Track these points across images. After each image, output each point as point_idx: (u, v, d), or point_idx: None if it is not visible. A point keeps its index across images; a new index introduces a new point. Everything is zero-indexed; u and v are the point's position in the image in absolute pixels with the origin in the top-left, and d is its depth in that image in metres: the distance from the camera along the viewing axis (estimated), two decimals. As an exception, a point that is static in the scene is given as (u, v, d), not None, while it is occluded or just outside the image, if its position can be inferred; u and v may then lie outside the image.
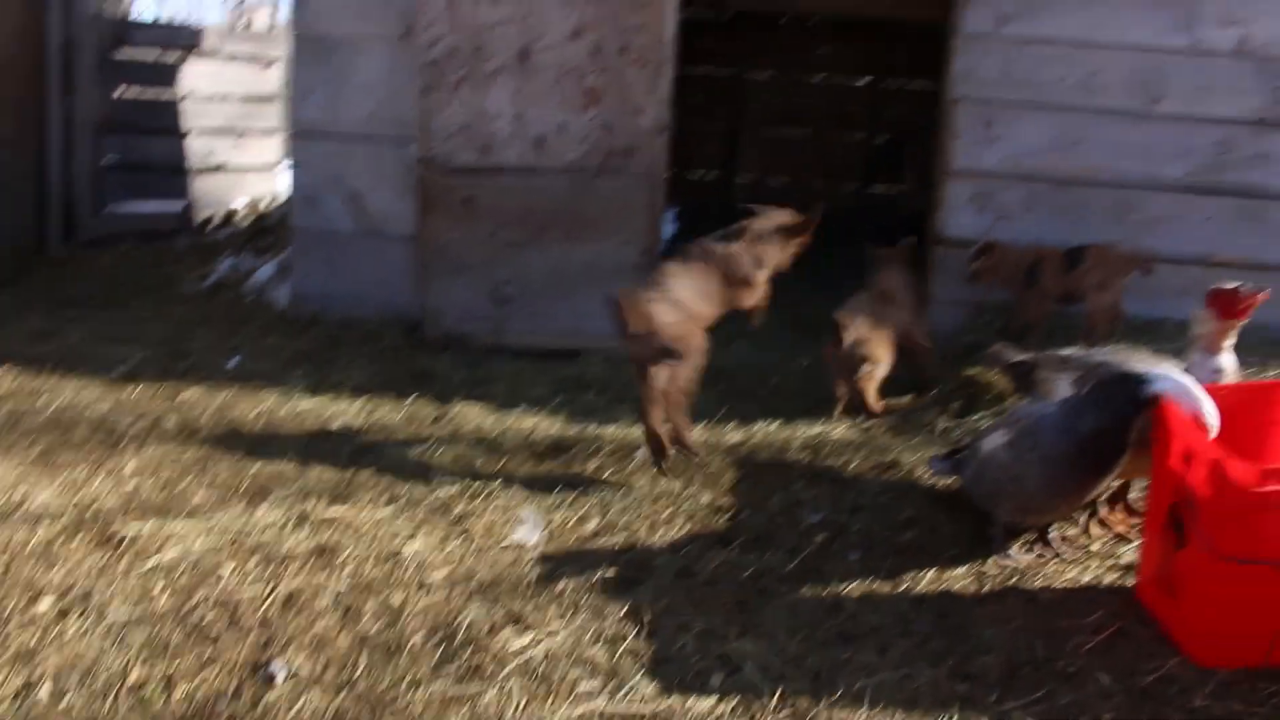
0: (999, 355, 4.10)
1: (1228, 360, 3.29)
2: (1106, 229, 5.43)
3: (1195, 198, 5.41)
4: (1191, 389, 2.95)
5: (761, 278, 4.14)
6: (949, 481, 3.78)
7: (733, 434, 4.39)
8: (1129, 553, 3.40)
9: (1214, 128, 5.35)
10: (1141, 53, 5.32)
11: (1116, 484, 3.50)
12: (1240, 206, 5.39)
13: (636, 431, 4.34)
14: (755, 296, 4.16)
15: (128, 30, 8.08)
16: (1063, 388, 3.57)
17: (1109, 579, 3.25)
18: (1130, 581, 3.22)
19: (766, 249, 4.17)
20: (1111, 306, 5.04)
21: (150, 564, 3.09)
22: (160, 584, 3.00)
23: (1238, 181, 5.37)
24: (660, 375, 3.71)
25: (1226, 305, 3.26)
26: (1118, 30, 5.30)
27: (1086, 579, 3.25)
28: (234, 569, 3.09)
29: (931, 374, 4.90)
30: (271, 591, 2.98)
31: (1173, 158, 5.39)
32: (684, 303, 3.87)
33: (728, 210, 4.82)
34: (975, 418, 4.44)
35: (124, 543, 3.20)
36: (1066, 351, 3.86)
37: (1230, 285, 3.28)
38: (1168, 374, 3.06)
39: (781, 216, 4.27)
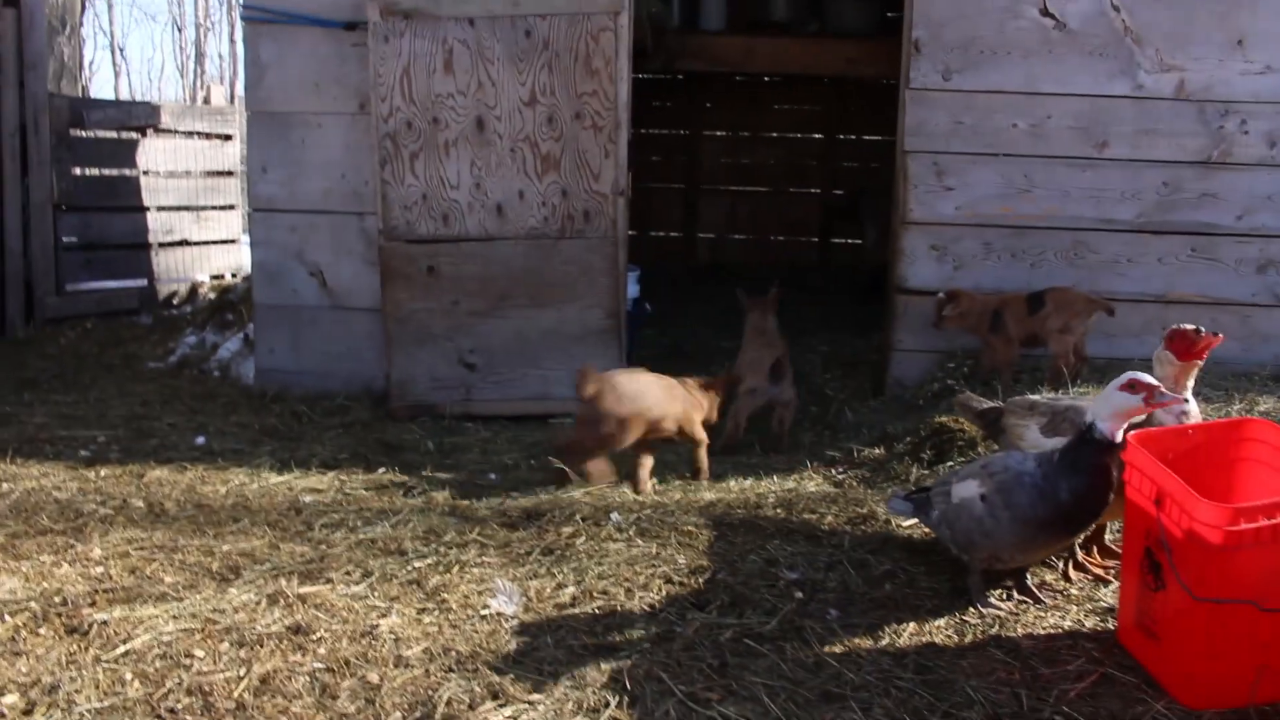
0: (966, 403, 4.13)
1: (1192, 404, 3.32)
2: (1063, 272, 5.53)
3: (1148, 237, 5.52)
4: (1125, 398, 3.01)
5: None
6: (926, 532, 3.78)
7: (705, 492, 4.39)
8: (1109, 595, 3.41)
9: (1160, 169, 5.47)
10: (1085, 100, 5.45)
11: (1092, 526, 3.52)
12: (1192, 244, 5.49)
13: (610, 495, 4.34)
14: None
15: (84, 109, 8.09)
16: (1032, 433, 3.61)
17: (1090, 623, 3.26)
18: (1111, 625, 3.22)
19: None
20: (1074, 349, 5.11)
21: (120, 651, 3.03)
22: (130, 672, 2.93)
23: (1188, 220, 5.49)
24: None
25: (1183, 347, 3.30)
26: (1061, 79, 5.43)
27: (1067, 624, 3.25)
28: (206, 653, 3.03)
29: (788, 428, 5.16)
30: (245, 674, 2.92)
31: (1122, 200, 5.50)
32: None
33: (690, 270, 4.89)
34: (947, 466, 4.46)
35: (92, 630, 3.13)
36: (1034, 397, 3.90)
37: (1188, 327, 3.32)
38: (1098, 401, 3.11)
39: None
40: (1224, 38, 5.34)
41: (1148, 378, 3.08)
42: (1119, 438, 3.08)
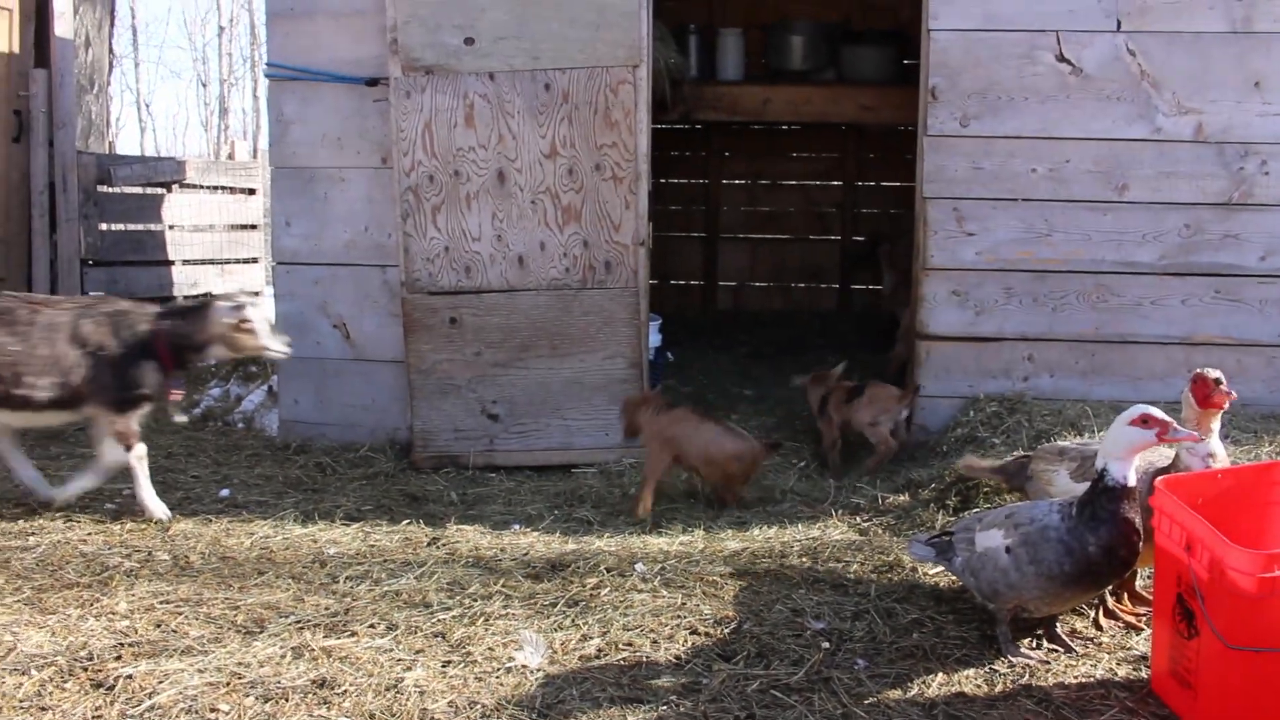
0: (973, 466, 4.14)
1: (1216, 444, 3.29)
2: (1086, 315, 5.51)
3: (1171, 280, 5.50)
4: (1138, 434, 3.02)
5: None
6: (953, 580, 3.75)
7: (730, 542, 4.37)
8: (1141, 643, 3.36)
9: (1180, 211, 5.46)
10: (1104, 144, 5.45)
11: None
12: (1216, 286, 5.47)
13: (635, 544, 4.32)
14: None
15: (112, 166, 8.21)
16: (1062, 479, 3.58)
17: (1123, 672, 3.22)
18: (1145, 673, 3.18)
19: None
20: (885, 438, 5.46)
21: (145, 706, 3.03)
22: (156, 728, 2.93)
23: (1210, 262, 5.47)
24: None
25: (1202, 394, 3.27)
26: (1079, 124, 5.45)
27: (1100, 673, 3.21)
28: (231, 707, 3.03)
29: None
30: (271, 730, 2.91)
31: (1144, 242, 5.49)
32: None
33: (711, 318, 4.95)
34: (971, 513, 4.43)
35: (118, 685, 3.13)
36: (1063, 443, 3.88)
37: (1211, 374, 3.29)
38: (1107, 440, 3.11)
39: None
40: (1241, 80, 5.35)
41: (1159, 413, 3.07)
42: (1132, 479, 3.07)
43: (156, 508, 4.77)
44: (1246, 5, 5.31)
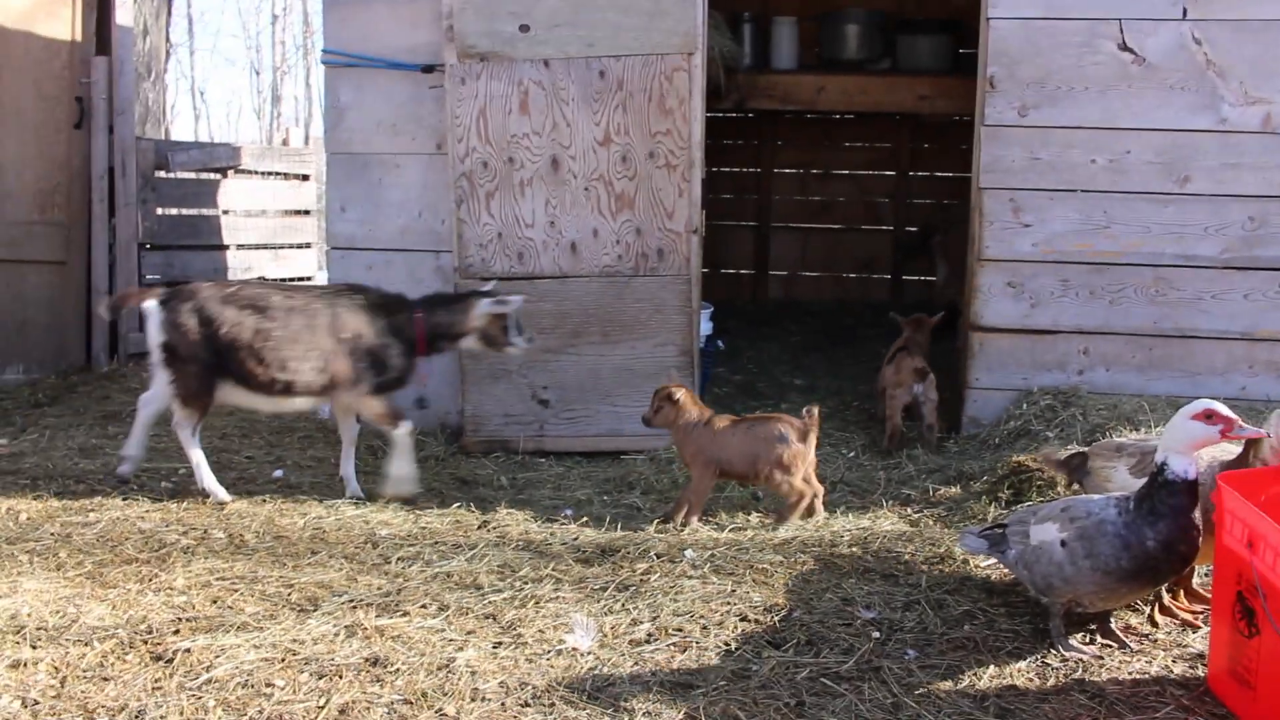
0: (1049, 457, 4.09)
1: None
2: (1144, 309, 5.43)
3: (1233, 274, 5.40)
4: (1202, 429, 2.98)
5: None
6: (1004, 572, 3.72)
7: (780, 530, 4.36)
8: (1198, 641, 3.32)
9: (1245, 204, 5.36)
10: (1166, 134, 5.37)
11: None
12: None
13: (684, 531, 4.33)
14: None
15: (169, 151, 8.32)
16: (1120, 475, 3.54)
17: (1178, 670, 3.17)
18: (1201, 672, 3.13)
19: None
20: (893, 412, 5.53)
21: (203, 679, 3.08)
22: (213, 700, 2.97)
23: (1275, 256, 5.36)
24: None
25: None
26: (1141, 114, 5.36)
27: (1154, 670, 3.17)
28: (286, 682, 3.07)
29: None
30: (325, 704, 2.95)
31: (1206, 236, 5.40)
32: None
33: (762, 307, 4.92)
34: (1025, 505, 4.38)
35: (176, 658, 3.19)
36: (1121, 439, 3.83)
37: None
38: (1168, 433, 3.07)
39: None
40: (1311, 69, 5.24)
41: (1224, 408, 3.02)
42: (1193, 474, 3.01)
43: (410, 479, 4.86)
44: (1317, -8, 5.19)
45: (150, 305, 4.72)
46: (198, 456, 4.77)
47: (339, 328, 4.72)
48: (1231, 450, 3.33)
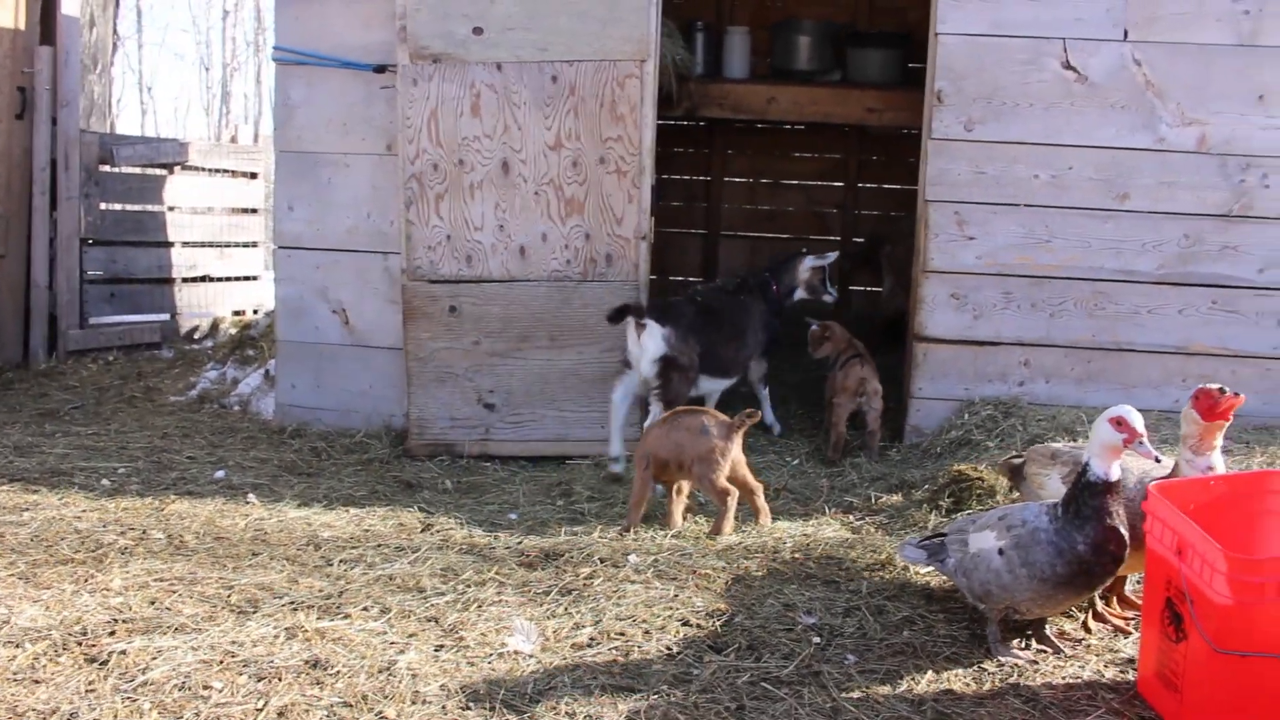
0: (1007, 463, 4.16)
1: (1217, 459, 3.30)
2: (1083, 322, 5.54)
3: (1168, 289, 5.52)
4: (1110, 433, 3.11)
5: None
6: (944, 580, 3.77)
7: (725, 536, 4.38)
8: (1129, 646, 3.39)
9: (1180, 221, 5.48)
10: (1107, 151, 5.48)
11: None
12: (1213, 296, 5.49)
13: (628, 536, 4.34)
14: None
15: (114, 146, 8.20)
16: (1053, 482, 3.60)
17: (1110, 674, 3.24)
18: (1131, 676, 3.20)
19: None
20: (837, 420, 5.62)
21: (138, 681, 3.04)
22: (149, 703, 2.94)
23: (1208, 273, 5.49)
24: None
25: (1207, 407, 3.28)
26: (1083, 131, 5.47)
27: (1087, 674, 3.23)
28: (224, 685, 3.04)
29: None
30: (263, 706, 2.93)
31: (1143, 251, 5.51)
32: None
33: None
34: (965, 514, 4.45)
35: (111, 660, 3.14)
36: (1056, 445, 3.90)
37: (1213, 387, 3.30)
38: (1091, 437, 3.17)
39: None
40: (1245, 92, 5.37)
41: (1136, 419, 3.11)
42: (1114, 476, 3.10)
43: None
44: (1254, 18, 5.33)
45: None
46: None
47: (748, 310, 5.87)
48: (1168, 465, 3.41)
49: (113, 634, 3.33)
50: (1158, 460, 3.24)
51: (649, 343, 5.22)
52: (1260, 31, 5.33)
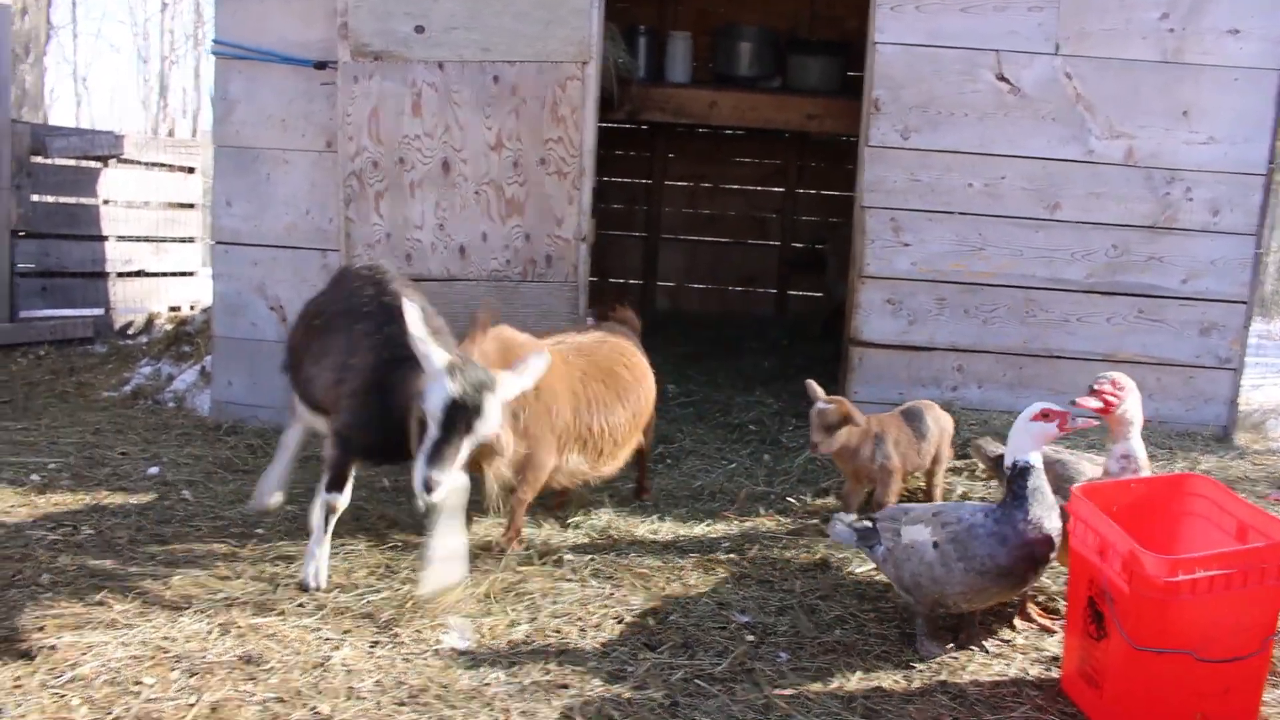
0: (981, 447, 4.26)
1: (1136, 446, 3.42)
2: (1014, 329, 5.66)
3: (1097, 298, 5.66)
4: (1041, 428, 3.23)
5: None
6: (878, 578, 3.84)
7: (660, 536, 4.42)
8: (1053, 645, 3.48)
9: (1108, 232, 5.63)
10: (1038, 162, 5.60)
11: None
12: (1139, 305, 5.64)
13: (568, 535, 4.36)
14: None
15: (47, 136, 8.05)
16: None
17: (1035, 672, 3.32)
18: (1056, 674, 3.29)
19: None
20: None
21: (67, 677, 3.01)
22: (78, 698, 2.91)
23: (1135, 282, 5.64)
24: None
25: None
26: (1015, 142, 5.59)
27: (1013, 672, 3.32)
28: (156, 680, 3.02)
29: None
30: (196, 702, 2.91)
31: (1073, 260, 5.65)
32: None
33: (649, 317, 4.98)
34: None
35: (39, 655, 3.11)
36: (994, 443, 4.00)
37: (1107, 378, 3.45)
38: (1013, 439, 3.28)
39: None
40: (1170, 108, 5.53)
41: (1055, 406, 3.24)
42: (1038, 461, 3.22)
43: None
44: (1178, 37, 5.49)
45: None
46: None
47: None
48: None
49: (41, 629, 3.28)
50: (1097, 422, 3.38)
51: None
52: (1184, 49, 5.49)
